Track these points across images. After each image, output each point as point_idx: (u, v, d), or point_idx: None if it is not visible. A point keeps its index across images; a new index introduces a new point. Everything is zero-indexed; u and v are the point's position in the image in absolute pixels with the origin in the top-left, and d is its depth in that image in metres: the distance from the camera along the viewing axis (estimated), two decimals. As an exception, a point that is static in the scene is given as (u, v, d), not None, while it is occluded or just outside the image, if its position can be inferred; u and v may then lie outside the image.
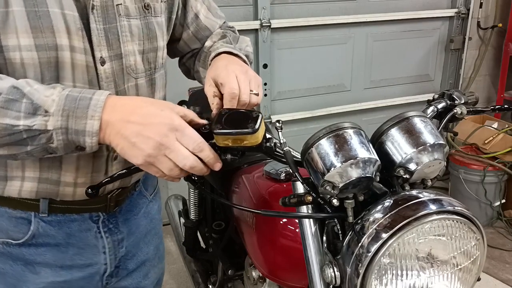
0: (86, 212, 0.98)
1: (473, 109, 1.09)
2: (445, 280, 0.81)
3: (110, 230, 1.04)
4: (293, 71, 3.01)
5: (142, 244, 1.14)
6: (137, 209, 1.11)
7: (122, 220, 1.06)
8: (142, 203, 1.13)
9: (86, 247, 1.01)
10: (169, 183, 2.94)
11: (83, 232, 1.00)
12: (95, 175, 0.94)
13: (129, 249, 1.10)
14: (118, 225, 1.05)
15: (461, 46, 3.44)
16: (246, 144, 0.81)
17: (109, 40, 0.87)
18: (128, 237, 1.09)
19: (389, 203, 0.79)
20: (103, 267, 1.05)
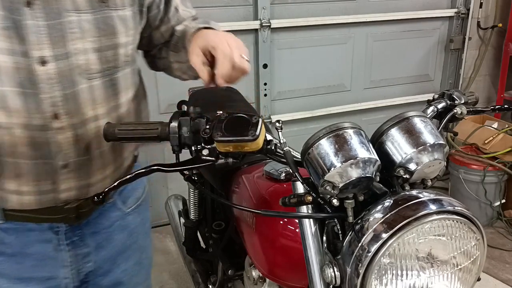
0: (45, 222, 0.92)
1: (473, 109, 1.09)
2: (445, 280, 0.81)
3: (73, 243, 0.97)
4: (293, 71, 3.01)
5: (120, 260, 1.07)
6: (108, 222, 1.03)
7: (89, 233, 0.99)
8: (116, 216, 1.05)
9: (45, 259, 0.95)
10: (169, 183, 2.94)
11: (42, 243, 0.94)
12: (42, 183, 0.87)
13: (99, 264, 1.03)
14: (83, 238, 0.98)
15: (461, 46, 3.44)
16: (247, 150, 0.81)
17: (53, 38, 0.79)
18: (97, 252, 1.02)
19: (389, 203, 0.79)
20: (64, 281, 0.99)
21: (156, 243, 2.83)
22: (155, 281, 2.46)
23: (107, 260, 1.04)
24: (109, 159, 0.95)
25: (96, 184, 0.94)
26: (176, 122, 0.86)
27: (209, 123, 0.85)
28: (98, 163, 0.93)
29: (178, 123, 0.86)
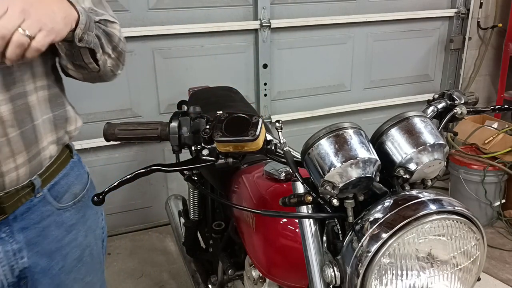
0: None
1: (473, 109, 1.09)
2: (445, 280, 0.81)
3: (1, 239, 0.94)
4: (293, 71, 3.01)
5: (58, 257, 1.04)
6: (39, 217, 0.99)
7: (18, 229, 0.96)
8: (47, 211, 1.01)
9: None
10: (169, 183, 2.95)
11: None
12: None
13: (34, 260, 1.00)
14: (12, 234, 0.95)
15: (461, 46, 3.44)
16: (247, 150, 0.81)
17: None
18: (30, 247, 0.99)
19: (389, 203, 0.79)
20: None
21: (156, 243, 2.84)
22: (155, 281, 2.47)
23: (42, 256, 1.01)
24: (18, 147, 0.90)
25: (9, 173, 0.90)
26: (176, 122, 0.86)
27: (209, 123, 0.85)
28: (5, 151, 0.88)
29: (178, 123, 0.86)
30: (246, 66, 2.89)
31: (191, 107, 0.88)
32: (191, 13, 2.66)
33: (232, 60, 2.84)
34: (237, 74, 2.87)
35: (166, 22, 2.61)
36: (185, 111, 0.88)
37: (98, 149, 2.65)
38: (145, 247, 2.80)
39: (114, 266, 2.61)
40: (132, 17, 2.55)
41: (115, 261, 2.66)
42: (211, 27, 2.69)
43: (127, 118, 2.66)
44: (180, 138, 0.86)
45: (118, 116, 2.63)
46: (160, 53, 2.65)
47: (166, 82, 2.72)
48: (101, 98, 2.52)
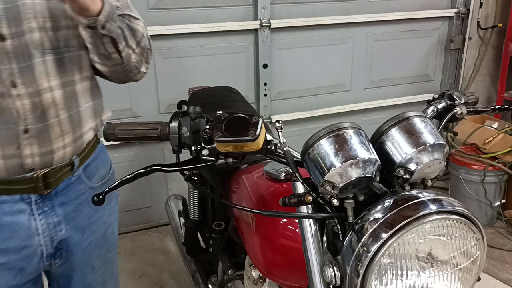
0: (15, 194, 1.00)
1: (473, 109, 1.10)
2: (445, 280, 0.81)
3: (44, 213, 1.05)
4: (293, 71, 3.01)
5: (88, 233, 1.15)
6: (75, 195, 1.10)
7: (59, 203, 1.07)
8: (82, 189, 1.12)
9: (19, 229, 1.02)
10: (169, 183, 2.95)
11: (15, 214, 1.01)
12: (6, 148, 0.95)
13: (70, 233, 1.10)
14: (53, 208, 1.06)
15: (461, 46, 3.44)
16: (247, 150, 0.81)
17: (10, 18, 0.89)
18: (67, 221, 1.09)
19: (389, 203, 0.79)
20: (40, 249, 1.06)
21: (156, 243, 2.84)
22: (155, 281, 2.47)
23: (76, 230, 1.12)
24: (67, 128, 1.03)
25: (58, 151, 1.02)
26: (176, 122, 0.86)
27: (209, 123, 0.85)
28: (56, 130, 1.00)
29: (178, 123, 0.86)
30: (246, 66, 2.89)
31: (191, 107, 0.88)
32: (191, 13, 2.66)
33: (232, 60, 2.84)
34: (237, 74, 2.87)
35: (166, 22, 2.61)
36: (185, 111, 0.89)
37: (98, 149, 2.65)
38: (145, 247, 2.80)
39: (114, 266, 2.61)
40: (132, 17, 2.54)
41: (115, 261, 2.66)
42: (211, 27, 2.68)
43: (127, 118, 2.66)
44: (180, 138, 0.86)
45: (118, 116, 2.62)
46: (160, 53, 2.65)
47: (166, 82, 2.72)
48: (101, 98, 2.52)
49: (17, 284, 1.06)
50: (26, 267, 1.06)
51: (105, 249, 1.22)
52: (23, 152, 0.96)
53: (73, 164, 1.08)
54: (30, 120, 0.95)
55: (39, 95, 0.96)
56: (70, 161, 1.06)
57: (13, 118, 0.93)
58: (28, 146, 0.96)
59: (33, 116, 0.96)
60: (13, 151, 0.95)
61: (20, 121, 0.94)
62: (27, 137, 0.96)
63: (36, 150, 0.98)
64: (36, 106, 0.96)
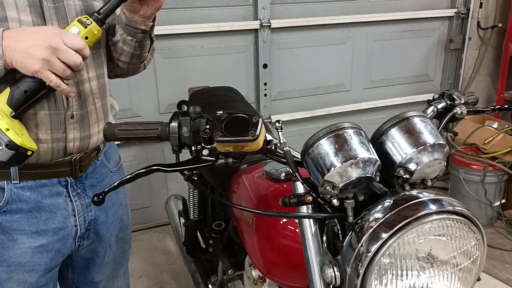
0: (54, 177, 1.08)
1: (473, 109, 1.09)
2: (445, 280, 0.81)
3: (78, 195, 1.13)
4: (293, 71, 3.01)
5: (110, 214, 1.25)
6: (101, 177, 1.20)
7: (89, 186, 1.16)
8: (105, 172, 1.22)
9: (57, 211, 1.10)
10: (169, 183, 2.95)
11: (54, 196, 1.09)
12: (55, 132, 1.04)
13: (98, 214, 1.19)
14: (85, 190, 1.15)
15: (461, 46, 3.44)
16: (247, 150, 0.81)
17: (59, 15, 1.00)
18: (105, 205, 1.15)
19: (389, 203, 0.79)
20: (74, 229, 1.14)
21: (156, 243, 2.84)
22: (155, 281, 2.47)
23: (102, 212, 1.21)
24: (101, 116, 1.14)
25: (93, 136, 1.13)
26: (176, 122, 0.86)
27: (209, 123, 0.85)
28: (93, 117, 1.12)
29: (178, 123, 0.86)
30: (246, 66, 2.89)
31: (191, 107, 0.88)
32: (191, 13, 2.66)
33: (232, 60, 2.84)
34: (237, 74, 2.87)
35: (166, 22, 2.60)
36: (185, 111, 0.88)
37: (98, 149, 2.65)
38: (145, 247, 2.80)
39: (114, 266, 2.60)
40: (132, 17, 2.54)
41: (115, 261, 2.66)
42: (211, 27, 2.68)
43: (127, 118, 2.66)
44: (180, 138, 0.86)
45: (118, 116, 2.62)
46: (160, 53, 2.65)
47: (166, 82, 2.72)
48: (101, 98, 2.52)
49: (52, 266, 1.14)
50: (62, 248, 1.14)
51: (118, 228, 1.30)
52: (68, 136, 1.06)
53: (99, 149, 1.19)
54: (76, 106, 1.06)
55: (82, 84, 1.07)
56: (97, 147, 1.17)
57: (63, 104, 1.03)
58: (72, 131, 1.06)
59: (77, 103, 1.06)
60: (60, 135, 1.04)
61: (68, 107, 1.04)
62: (72, 122, 1.06)
63: (77, 134, 1.07)
64: (80, 94, 1.07)
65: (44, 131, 1.02)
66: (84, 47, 0.91)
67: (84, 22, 0.95)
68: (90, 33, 0.95)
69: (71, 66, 0.89)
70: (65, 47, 0.88)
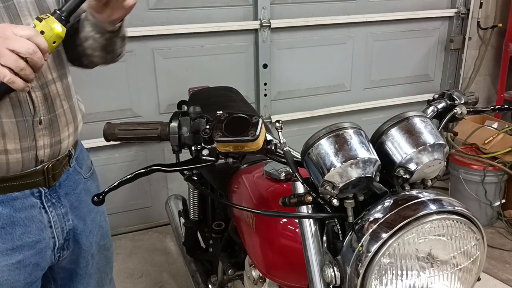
0: (26, 189, 1.03)
1: (473, 109, 1.09)
2: (445, 280, 0.81)
3: (53, 205, 1.09)
4: (293, 71, 3.01)
5: (89, 221, 1.20)
6: (75, 184, 1.16)
7: (63, 195, 1.11)
8: (79, 179, 1.18)
9: (32, 224, 1.05)
10: (169, 183, 2.94)
11: (27, 209, 1.03)
12: (23, 140, 0.98)
13: (76, 223, 1.15)
14: (60, 199, 1.10)
15: (461, 46, 3.44)
16: (247, 150, 0.81)
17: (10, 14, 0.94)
18: (72, 211, 1.13)
19: (389, 203, 0.79)
20: (52, 241, 1.09)
21: (156, 243, 2.83)
22: (155, 281, 2.47)
23: (80, 219, 1.16)
24: (70, 118, 1.09)
25: (64, 141, 1.07)
26: (176, 122, 0.86)
27: (209, 123, 0.85)
28: (63, 120, 1.06)
29: (178, 123, 0.86)
30: (246, 66, 2.89)
31: (191, 107, 0.88)
32: (191, 13, 2.66)
33: (232, 60, 2.83)
34: (237, 74, 2.87)
35: (166, 22, 2.60)
36: (185, 111, 0.89)
37: (98, 149, 2.65)
38: (145, 247, 2.80)
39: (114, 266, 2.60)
40: (132, 17, 2.54)
41: (115, 261, 2.65)
42: (211, 27, 2.69)
43: (127, 118, 2.66)
44: (180, 138, 0.86)
45: (118, 116, 2.62)
46: (160, 53, 2.65)
47: (166, 82, 2.72)
48: (101, 98, 2.52)
49: (32, 280, 1.09)
50: (41, 261, 1.08)
51: (99, 236, 1.26)
52: (38, 144, 1.00)
53: (70, 155, 1.13)
54: (43, 111, 1.00)
55: (47, 86, 1.01)
56: (68, 152, 1.12)
57: (30, 110, 0.98)
58: (41, 138, 1.01)
59: (45, 108, 1.01)
60: (29, 143, 0.99)
61: (35, 112, 0.99)
62: (41, 128, 1.00)
63: (47, 141, 1.02)
64: (46, 98, 1.01)
65: (12, 141, 0.96)
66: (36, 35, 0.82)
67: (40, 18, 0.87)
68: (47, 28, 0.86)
69: (24, 54, 0.80)
70: (14, 35, 0.80)
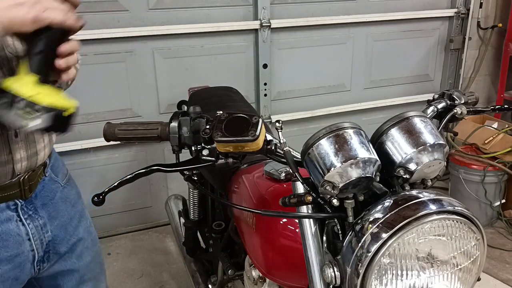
0: (2, 202, 0.99)
1: (473, 109, 1.10)
2: (445, 280, 0.81)
3: (30, 217, 1.05)
4: (293, 71, 3.01)
5: (70, 228, 1.16)
6: (51, 194, 1.12)
7: (40, 205, 1.08)
8: (56, 188, 1.14)
9: (9, 238, 1.02)
10: (169, 183, 2.95)
11: (4, 223, 1.00)
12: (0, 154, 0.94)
13: (55, 233, 1.12)
14: (37, 211, 1.07)
15: (461, 46, 3.44)
16: (247, 150, 0.81)
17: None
18: (51, 221, 1.10)
19: (389, 203, 0.79)
20: (31, 254, 1.06)
21: (156, 243, 2.84)
22: (155, 281, 2.47)
23: (60, 229, 1.13)
24: None
25: (41, 152, 1.04)
26: (176, 122, 0.86)
27: (209, 123, 0.85)
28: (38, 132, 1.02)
29: (178, 123, 0.86)
30: (246, 66, 2.89)
31: (191, 107, 0.88)
32: (191, 13, 2.66)
33: (232, 60, 2.84)
34: (237, 74, 2.87)
35: (166, 22, 2.60)
36: (185, 111, 0.89)
37: (98, 149, 2.65)
38: (145, 247, 2.80)
39: (114, 266, 2.61)
40: (132, 17, 2.55)
41: (115, 261, 2.66)
42: (211, 27, 2.69)
43: (127, 118, 2.66)
44: (180, 138, 0.86)
45: (118, 116, 2.62)
46: (160, 53, 2.65)
47: (166, 82, 2.72)
48: (101, 98, 2.52)
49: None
50: (20, 275, 1.05)
51: (89, 241, 1.23)
52: (15, 157, 0.97)
53: (45, 164, 1.10)
54: None
55: None
56: (43, 162, 1.08)
57: None
58: (18, 150, 0.97)
59: None
60: (5, 157, 0.95)
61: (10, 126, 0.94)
62: (18, 141, 0.97)
63: (24, 153, 0.99)
64: None
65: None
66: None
67: None
68: None
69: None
70: None
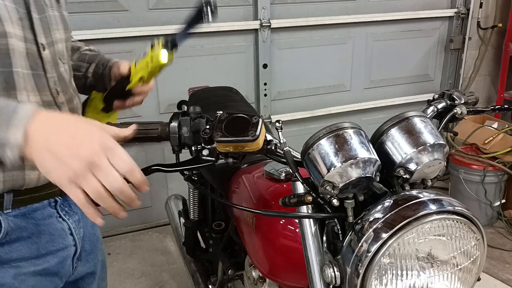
0: (45, 199, 1.02)
1: (473, 109, 1.09)
2: (445, 280, 0.81)
3: (67, 213, 1.08)
4: (293, 71, 3.01)
5: (90, 226, 1.20)
6: None
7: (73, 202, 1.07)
8: None
9: (55, 232, 1.05)
10: (169, 183, 2.94)
11: (47, 219, 1.03)
12: None
13: (86, 229, 1.16)
14: (71, 207, 1.10)
15: (461, 46, 3.44)
16: (247, 150, 0.81)
17: (45, 27, 0.94)
18: (83, 217, 1.13)
19: (389, 203, 0.79)
20: (73, 249, 1.10)
21: (156, 243, 2.84)
22: (155, 281, 2.47)
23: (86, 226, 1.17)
24: None
25: None
26: (176, 122, 0.86)
27: (209, 123, 0.85)
28: None
29: (178, 123, 0.86)
30: (246, 66, 2.89)
31: (191, 107, 0.88)
32: (191, 13, 2.66)
33: (232, 60, 2.84)
34: (237, 74, 2.87)
35: (166, 22, 2.60)
36: (185, 111, 0.88)
37: (98, 149, 2.65)
38: (145, 247, 2.80)
39: (114, 266, 2.61)
40: (132, 17, 2.55)
41: (115, 261, 2.66)
42: (211, 27, 2.68)
43: (127, 118, 2.66)
44: (180, 138, 0.86)
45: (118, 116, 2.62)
46: (160, 53, 2.65)
47: (166, 82, 2.72)
48: (101, 98, 2.51)
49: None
50: (61, 271, 1.08)
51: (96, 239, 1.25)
52: None
53: None
54: None
55: (71, 102, 1.02)
56: None
57: None
58: None
59: None
60: None
61: None
62: None
63: None
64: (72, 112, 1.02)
65: None
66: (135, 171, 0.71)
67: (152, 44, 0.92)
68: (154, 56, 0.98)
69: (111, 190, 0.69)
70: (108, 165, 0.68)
